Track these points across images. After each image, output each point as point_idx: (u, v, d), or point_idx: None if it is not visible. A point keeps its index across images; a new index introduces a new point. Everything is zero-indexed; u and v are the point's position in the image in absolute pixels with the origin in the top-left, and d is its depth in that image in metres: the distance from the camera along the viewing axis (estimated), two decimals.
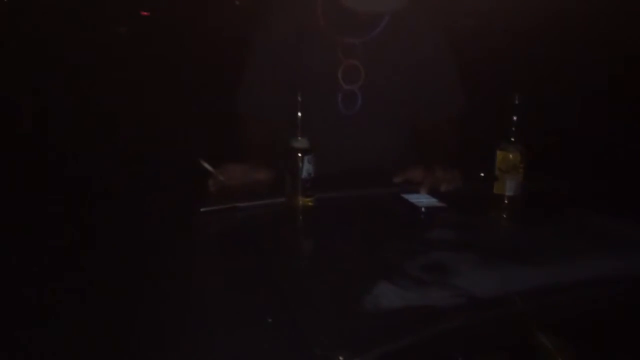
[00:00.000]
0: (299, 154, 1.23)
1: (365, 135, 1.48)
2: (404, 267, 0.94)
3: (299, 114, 1.23)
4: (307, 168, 1.23)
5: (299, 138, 1.24)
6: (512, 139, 1.29)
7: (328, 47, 1.47)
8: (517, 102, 1.28)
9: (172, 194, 1.32)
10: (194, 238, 1.16)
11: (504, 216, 1.30)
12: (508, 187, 1.29)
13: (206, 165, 1.33)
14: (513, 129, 1.29)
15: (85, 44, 6.09)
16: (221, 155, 1.35)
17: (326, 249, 1.09)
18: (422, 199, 1.32)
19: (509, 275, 0.92)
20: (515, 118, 1.29)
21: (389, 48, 1.48)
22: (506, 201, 1.29)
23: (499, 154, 1.30)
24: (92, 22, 7.06)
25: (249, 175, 1.35)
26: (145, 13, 8.15)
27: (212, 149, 1.45)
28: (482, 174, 1.39)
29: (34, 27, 6.66)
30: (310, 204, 1.25)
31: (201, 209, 1.23)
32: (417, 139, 1.56)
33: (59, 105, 4.39)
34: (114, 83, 4.83)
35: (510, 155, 1.29)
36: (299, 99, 1.22)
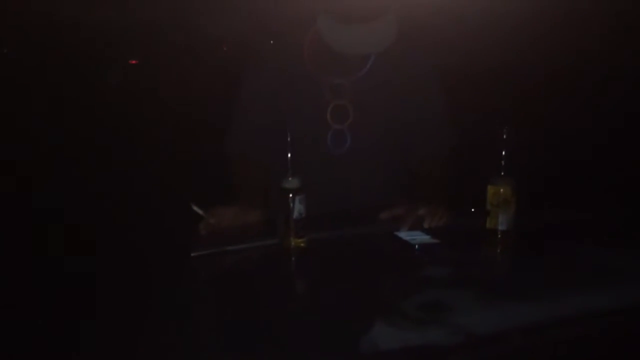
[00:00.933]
0: (290, 195, 1.22)
1: (355, 173, 1.48)
2: (401, 307, 0.93)
3: (289, 154, 1.23)
4: (298, 208, 1.22)
5: (290, 178, 1.23)
6: (502, 173, 1.30)
7: (316, 88, 1.48)
8: (505, 135, 1.29)
9: (162, 238, 1.30)
10: (185, 284, 1.13)
11: (498, 251, 1.29)
12: (500, 221, 1.29)
13: (196, 209, 1.32)
14: (503, 162, 1.30)
15: (75, 91, 6.14)
16: (211, 199, 1.33)
17: (320, 290, 1.07)
18: (416, 236, 1.31)
19: (507, 311, 0.91)
20: (504, 152, 1.30)
21: (377, 87, 1.49)
22: (499, 235, 1.29)
23: (490, 189, 1.30)
24: (82, 70, 7.14)
25: (239, 218, 1.34)
26: (133, 62, 8.26)
27: (202, 193, 1.44)
28: (472, 209, 1.39)
29: (27, 78, 6.72)
30: (302, 244, 1.23)
31: (192, 254, 1.21)
32: (408, 176, 1.56)
33: (47, 151, 4.38)
34: (104, 128, 4.85)
35: (501, 190, 1.29)
36: (289, 139, 1.22)
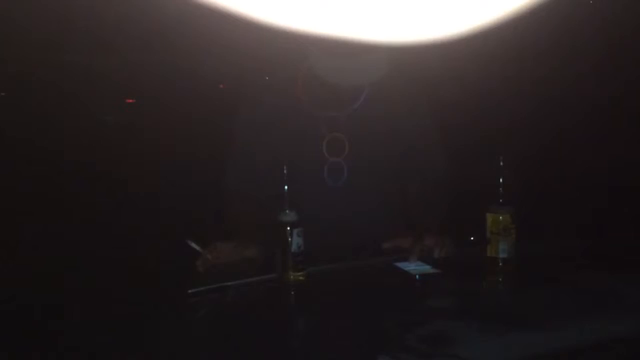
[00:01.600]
0: (288, 228, 1.21)
1: (353, 205, 1.48)
2: (403, 340, 0.90)
3: (285, 187, 1.23)
4: (296, 242, 1.21)
5: (287, 212, 1.22)
6: (501, 201, 1.29)
7: (311, 122, 1.49)
8: (501, 163, 1.29)
9: (159, 275, 1.28)
10: (182, 322, 1.11)
11: (500, 280, 1.27)
12: (501, 249, 1.28)
13: (193, 245, 1.31)
14: (501, 190, 1.29)
15: (71, 132, 6.16)
16: (208, 235, 1.32)
17: (321, 325, 1.05)
18: (416, 267, 1.29)
19: (511, 342, 0.89)
20: (501, 180, 1.30)
21: (371, 119, 1.50)
22: (500, 264, 1.27)
23: (489, 217, 1.30)
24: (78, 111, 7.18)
25: (237, 253, 1.33)
26: (130, 100, 8.32)
27: (199, 229, 1.43)
28: (472, 238, 1.38)
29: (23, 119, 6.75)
30: (301, 278, 1.22)
31: (189, 291, 1.19)
32: (406, 206, 1.55)
33: (44, 189, 4.36)
34: (100, 169, 4.84)
35: (500, 217, 1.28)
36: (285, 172, 1.22)
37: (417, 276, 1.23)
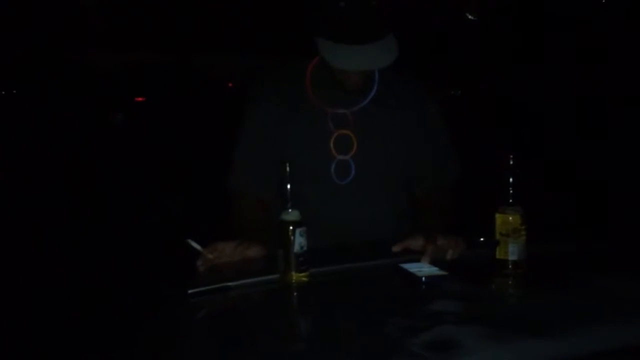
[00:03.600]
0: (290, 227, 1.18)
1: (360, 205, 1.44)
2: (408, 346, 0.87)
3: (288, 185, 1.19)
4: (299, 242, 1.18)
5: (289, 210, 1.19)
6: (511, 201, 1.25)
7: (319, 118, 1.45)
8: (512, 162, 1.25)
9: (158, 275, 1.25)
10: (182, 323, 1.08)
11: (510, 283, 1.23)
12: (511, 251, 1.23)
13: (194, 245, 1.28)
14: (511, 190, 1.25)
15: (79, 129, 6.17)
16: (210, 234, 1.29)
17: (324, 328, 1.01)
18: (422, 269, 1.25)
19: (523, 350, 0.85)
20: (511, 180, 1.25)
21: (380, 116, 1.46)
22: (510, 266, 1.23)
23: (498, 217, 1.25)
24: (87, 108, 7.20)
25: (239, 253, 1.29)
26: (139, 99, 8.33)
27: (201, 228, 1.40)
28: (481, 239, 1.34)
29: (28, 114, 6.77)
30: (304, 279, 1.18)
31: (189, 291, 1.16)
32: (414, 206, 1.51)
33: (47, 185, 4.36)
34: (104, 167, 4.83)
35: (510, 218, 1.24)
36: (287, 169, 1.18)
37: (423, 278, 1.19)
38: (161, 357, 0.92)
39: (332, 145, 1.43)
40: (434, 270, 1.24)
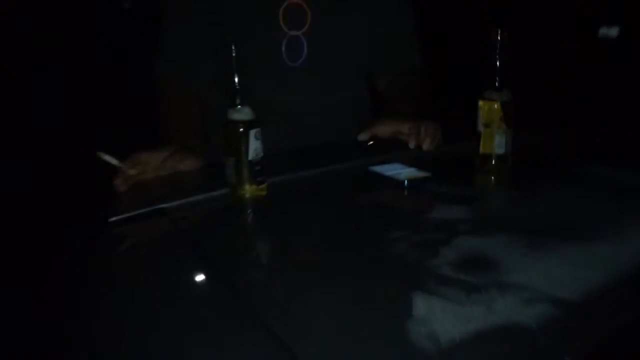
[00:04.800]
0: (242, 128, 0.90)
1: (313, 93, 1.18)
2: (433, 268, 0.67)
3: (235, 75, 0.90)
4: (254, 146, 0.91)
5: (239, 107, 0.91)
6: (497, 85, 1.06)
7: None
8: (499, 39, 1.05)
9: (66, 202, 0.93)
10: (102, 259, 0.79)
11: (503, 180, 1.07)
12: (497, 143, 1.06)
13: (108, 158, 0.96)
14: (497, 74, 1.06)
15: None
16: (131, 143, 0.97)
17: (308, 257, 0.77)
18: (398, 170, 1.05)
19: (575, 259, 0.68)
20: (498, 59, 1.06)
21: None
22: (496, 161, 1.07)
23: (483, 105, 1.07)
24: None
25: (170, 166, 1.00)
26: None
27: (117, 134, 1.06)
28: (459, 129, 1.15)
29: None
30: (262, 193, 0.93)
31: (109, 219, 0.87)
32: (377, 97, 1.28)
33: None
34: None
35: (496, 105, 1.06)
36: (233, 53, 0.89)
37: (405, 182, 0.99)
38: (75, 303, 0.65)
39: (281, 17, 1.13)
40: (411, 171, 1.04)
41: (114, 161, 0.95)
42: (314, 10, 1.14)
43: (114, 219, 0.86)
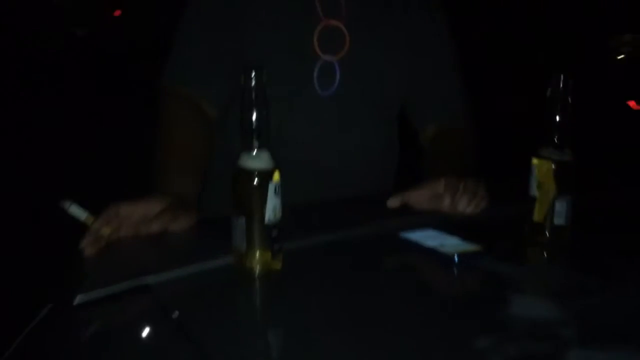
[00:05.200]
0: (258, 180, 0.69)
1: (341, 128, 1.00)
2: None
3: (254, 113, 0.69)
4: (273, 204, 0.69)
5: (256, 151, 0.69)
6: (556, 142, 0.89)
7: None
8: (561, 86, 0.88)
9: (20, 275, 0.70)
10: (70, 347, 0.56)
11: (559, 259, 0.88)
12: (557, 212, 0.88)
13: (74, 210, 0.72)
14: (557, 130, 0.89)
15: None
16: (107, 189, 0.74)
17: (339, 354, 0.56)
18: (438, 239, 0.85)
19: None
20: (559, 111, 0.89)
21: (381, 10, 1.03)
22: (551, 233, 0.88)
23: (539, 164, 0.89)
24: None
25: (159, 225, 0.76)
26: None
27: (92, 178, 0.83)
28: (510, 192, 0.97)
29: None
30: (277, 266, 0.71)
31: (75, 300, 0.63)
32: (419, 151, 1.08)
33: None
34: None
35: (553, 165, 0.88)
36: (252, 77, 0.68)
37: (455, 256, 0.79)
38: None
39: (315, 39, 0.95)
40: (457, 242, 0.84)
41: (82, 215, 0.72)
42: (353, 34, 0.98)
43: (78, 300, 0.62)
